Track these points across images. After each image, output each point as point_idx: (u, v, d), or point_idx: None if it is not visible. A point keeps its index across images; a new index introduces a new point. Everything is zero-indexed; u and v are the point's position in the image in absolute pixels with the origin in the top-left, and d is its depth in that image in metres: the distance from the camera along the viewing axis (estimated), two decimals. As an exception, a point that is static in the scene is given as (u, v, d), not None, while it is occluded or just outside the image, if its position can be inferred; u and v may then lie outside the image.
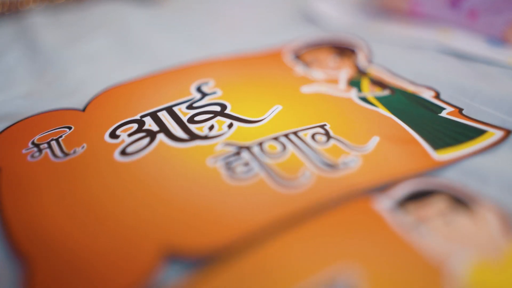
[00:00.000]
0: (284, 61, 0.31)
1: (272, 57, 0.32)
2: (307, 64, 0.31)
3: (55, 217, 0.19)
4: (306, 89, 0.28)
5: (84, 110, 0.26)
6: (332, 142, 0.23)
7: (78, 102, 0.27)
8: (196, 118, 0.25)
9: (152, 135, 0.24)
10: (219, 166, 0.21)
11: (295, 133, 0.23)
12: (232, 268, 0.16)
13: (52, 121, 0.25)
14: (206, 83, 0.28)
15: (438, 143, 0.23)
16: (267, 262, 0.17)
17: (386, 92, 0.27)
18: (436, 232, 0.17)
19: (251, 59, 0.31)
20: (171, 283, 0.16)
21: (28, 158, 0.23)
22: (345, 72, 0.30)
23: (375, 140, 0.23)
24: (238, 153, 0.22)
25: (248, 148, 0.22)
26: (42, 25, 0.37)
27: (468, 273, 0.16)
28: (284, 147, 0.22)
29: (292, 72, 0.30)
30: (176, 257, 0.17)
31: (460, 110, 0.25)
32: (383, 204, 0.19)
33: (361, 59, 0.31)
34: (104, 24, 0.38)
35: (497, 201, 0.19)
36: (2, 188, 0.21)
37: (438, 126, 0.24)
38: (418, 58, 0.32)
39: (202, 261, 0.17)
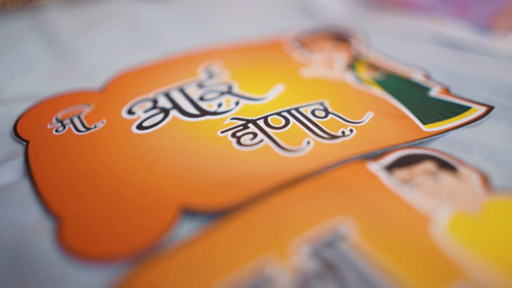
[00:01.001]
0: (284, 47, 0.33)
1: (273, 44, 0.34)
2: (306, 49, 0.33)
3: (80, 181, 0.21)
4: (305, 71, 0.30)
5: (101, 90, 0.28)
6: (330, 116, 0.25)
7: (95, 84, 0.29)
8: (206, 97, 0.27)
9: (165, 111, 0.26)
10: (229, 136, 0.23)
11: (296, 109, 0.25)
12: (240, 219, 0.18)
13: (72, 100, 0.27)
14: (213, 66, 0.30)
15: (427, 118, 0.25)
16: (273, 213, 0.19)
17: (380, 74, 0.29)
18: (423, 187, 0.20)
19: (254, 46, 0.34)
20: (187, 234, 0.18)
21: (53, 132, 0.25)
22: (342, 56, 0.32)
23: (369, 115, 0.25)
24: (245, 126, 0.24)
25: (254, 122, 0.24)
26: (57, 18, 0.39)
27: (449, 222, 0.18)
28: (287, 120, 0.24)
29: (292, 57, 0.32)
30: (192, 213, 0.19)
31: (448, 89, 0.27)
32: (376, 166, 0.21)
33: (358, 45, 0.33)
34: (115, 16, 0.40)
35: (478, 166, 0.21)
36: (31, 158, 0.23)
37: (427, 104, 0.26)
38: (410, 45, 0.34)
39: (214, 216, 0.19)
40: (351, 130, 0.24)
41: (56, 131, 0.25)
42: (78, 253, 0.18)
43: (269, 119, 0.24)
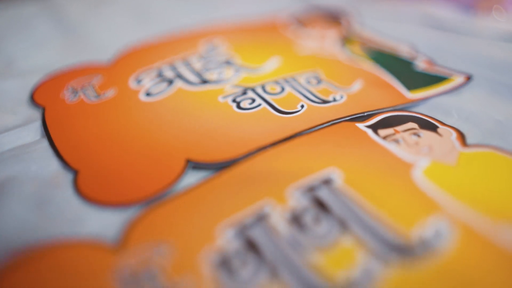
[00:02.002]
0: (279, 27, 0.35)
1: (268, 23, 0.36)
2: (301, 27, 0.35)
3: (94, 140, 0.23)
4: (299, 46, 0.32)
5: (108, 63, 0.30)
6: (322, 84, 0.27)
7: (103, 58, 0.31)
8: (207, 67, 0.29)
9: (170, 80, 0.28)
10: (229, 101, 0.25)
11: (291, 77, 0.27)
12: (242, 168, 0.20)
13: (83, 72, 0.29)
14: (214, 40, 0.32)
15: (411, 85, 0.27)
16: (271, 163, 0.21)
17: (371, 48, 0.31)
18: (406, 141, 0.22)
19: (250, 25, 0.35)
20: (193, 183, 0.20)
21: (66, 100, 0.26)
22: (335, 32, 0.34)
23: (359, 83, 0.27)
24: (244, 92, 0.26)
25: (252, 89, 0.26)
26: (65, 1, 0.41)
27: (429, 169, 0.20)
28: (283, 87, 0.26)
29: (287, 35, 0.34)
30: (197, 165, 0.21)
31: (432, 62, 0.29)
32: (364, 126, 0.23)
33: (350, 23, 0.35)
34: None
35: (456, 126, 0.23)
36: (47, 122, 0.25)
37: (413, 74, 0.28)
38: (400, 26, 0.36)
39: (218, 168, 0.21)
40: (341, 96, 0.26)
41: (69, 99, 0.26)
42: (96, 199, 0.20)
43: (266, 86, 0.26)
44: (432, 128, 0.23)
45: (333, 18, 0.36)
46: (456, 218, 0.17)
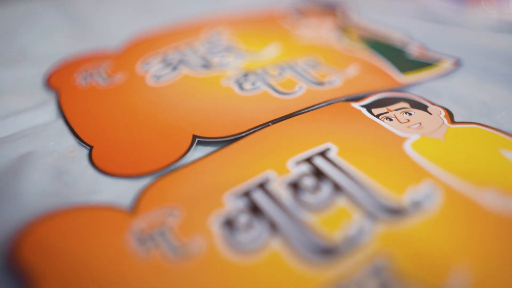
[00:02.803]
0: (277, 15, 0.37)
1: (267, 12, 0.37)
2: (299, 16, 0.36)
3: (108, 119, 0.24)
4: (297, 33, 0.33)
5: (116, 49, 0.32)
6: (319, 68, 0.28)
7: (110, 44, 0.32)
8: (211, 51, 0.30)
9: (174, 65, 0.29)
10: (231, 84, 0.27)
11: (290, 61, 0.29)
12: (245, 142, 0.22)
13: (92, 57, 0.30)
14: (216, 28, 0.34)
15: (404, 68, 0.28)
16: (273, 138, 0.22)
17: (366, 36, 0.33)
18: (398, 118, 0.23)
19: (250, 15, 0.37)
20: (199, 156, 0.22)
21: (78, 84, 0.28)
22: (332, 21, 0.35)
23: (354, 67, 0.28)
24: (245, 76, 0.27)
25: (254, 72, 0.28)
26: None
27: (419, 143, 0.21)
28: (282, 71, 0.28)
29: (285, 23, 0.35)
30: (203, 140, 0.23)
31: (424, 48, 0.31)
32: (359, 106, 0.24)
33: (347, 13, 0.37)
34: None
35: (445, 106, 0.25)
36: (62, 104, 0.26)
37: (405, 57, 0.30)
38: (394, 17, 0.37)
39: (223, 143, 0.22)
40: (337, 79, 0.27)
41: (81, 83, 0.28)
42: (110, 171, 0.21)
43: (266, 70, 0.28)
44: (422, 107, 0.24)
45: (330, 8, 0.38)
46: (443, 183, 0.19)
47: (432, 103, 0.25)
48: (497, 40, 0.33)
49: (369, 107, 0.24)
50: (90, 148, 0.22)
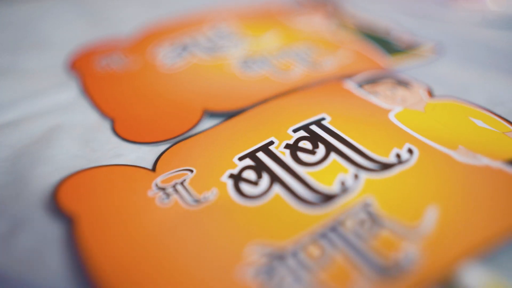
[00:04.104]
0: (276, 8, 0.40)
1: (266, 6, 0.40)
2: (297, 7, 0.39)
3: (127, 96, 0.27)
4: (294, 24, 0.36)
5: (129, 37, 0.34)
6: (314, 53, 0.31)
7: (123, 32, 0.35)
8: (217, 40, 0.33)
9: (184, 49, 0.32)
10: (236, 67, 0.30)
11: (288, 47, 0.32)
12: (250, 114, 0.25)
13: (109, 44, 0.33)
14: (220, 18, 0.37)
15: (391, 50, 0.31)
16: (274, 110, 0.25)
17: (356, 24, 0.36)
18: (383, 94, 0.26)
19: (250, 9, 0.40)
20: (210, 126, 0.24)
21: (98, 68, 0.31)
22: (325, 12, 0.38)
23: (344, 51, 0.31)
24: (249, 59, 0.30)
25: (256, 56, 0.31)
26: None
27: (402, 114, 0.24)
28: (281, 56, 0.31)
29: (284, 15, 0.38)
30: (212, 114, 0.25)
31: (409, 33, 0.34)
32: (349, 84, 0.27)
33: (338, 5, 0.40)
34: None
35: (426, 84, 0.28)
36: (85, 84, 0.29)
37: (391, 40, 0.33)
38: (383, 7, 0.40)
39: (230, 115, 0.25)
40: (329, 62, 0.30)
41: (99, 68, 0.30)
42: (131, 139, 0.24)
43: (267, 54, 0.31)
44: (406, 84, 0.27)
45: (321, 3, 0.41)
46: (422, 144, 0.21)
47: (414, 82, 0.28)
48: (478, 31, 0.35)
49: (358, 84, 0.27)
50: (112, 121, 0.25)
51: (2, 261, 0.17)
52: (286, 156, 0.21)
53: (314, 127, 0.23)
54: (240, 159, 0.21)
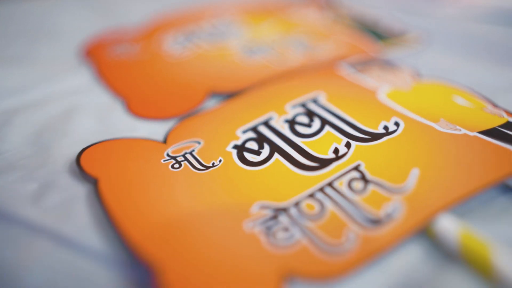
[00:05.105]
0: (271, 5, 0.42)
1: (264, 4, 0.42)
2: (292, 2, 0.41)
3: (135, 80, 0.29)
4: (291, 16, 0.38)
5: (137, 27, 0.36)
6: (308, 41, 0.33)
7: (132, 22, 0.37)
8: (220, 28, 0.35)
9: (190, 38, 0.34)
10: (238, 56, 0.32)
11: (284, 36, 0.34)
12: (251, 93, 0.27)
13: (119, 34, 0.35)
14: (223, 11, 0.39)
15: (381, 37, 0.33)
16: (273, 89, 0.27)
17: (349, 15, 0.38)
18: (373, 74, 0.28)
19: (250, 6, 0.42)
20: (214, 105, 0.26)
21: (109, 55, 0.32)
22: (320, 4, 0.40)
23: (338, 39, 0.34)
24: (249, 46, 0.32)
25: (255, 46, 0.33)
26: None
27: (389, 92, 0.26)
28: (279, 43, 0.33)
29: (280, 11, 0.40)
30: (215, 94, 0.27)
31: (398, 22, 0.36)
32: (342, 66, 0.29)
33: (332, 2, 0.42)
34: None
35: (412, 68, 0.30)
36: (100, 70, 0.31)
37: (381, 29, 0.35)
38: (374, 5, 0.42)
39: (232, 94, 0.27)
40: (325, 46, 0.32)
41: (113, 55, 0.32)
42: (143, 115, 0.26)
43: (265, 45, 0.33)
44: (394, 67, 0.29)
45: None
46: (407, 117, 0.24)
47: (402, 65, 0.30)
48: (462, 24, 0.38)
49: (350, 65, 0.29)
50: (125, 101, 0.27)
51: (35, 214, 0.19)
52: (285, 129, 0.23)
53: (310, 104, 0.25)
54: (243, 132, 0.23)
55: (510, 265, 0.15)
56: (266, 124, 0.24)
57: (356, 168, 0.20)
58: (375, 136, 0.22)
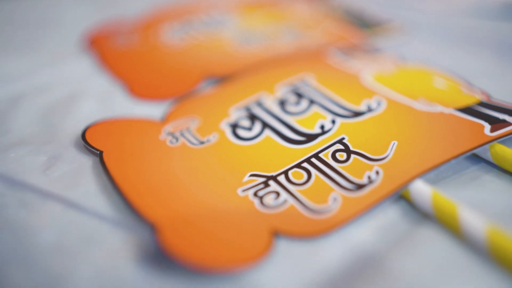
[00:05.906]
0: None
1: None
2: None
3: (135, 67, 0.31)
4: (285, 9, 0.40)
5: (135, 18, 0.38)
6: (298, 28, 0.35)
7: (130, 13, 0.38)
8: (215, 18, 0.37)
9: (187, 28, 0.35)
10: (232, 43, 0.33)
11: (275, 25, 0.35)
12: (243, 77, 0.28)
13: (118, 24, 0.37)
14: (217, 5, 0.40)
15: (368, 25, 0.35)
16: (264, 71, 0.28)
17: (341, 7, 0.40)
18: (359, 58, 0.30)
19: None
20: (207, 89, 0.28)
21: (110, 45, 0.34)
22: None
23: (326, 27, 0.35)
24: (241, 34, 0.34)
25: (247, 34, 0.34)
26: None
27: (373, 75, 0.28)
28: (269, 32, 0.34)
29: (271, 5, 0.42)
30: (209, 78, 0.29)
31: (382, 12, 0.38)
32: (330, 50, 0.31)
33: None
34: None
35: (396, 53, 0.31)
36: (101, 58, 0.32)
37: (367, 18, 0.36)
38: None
39: (224, 79, 0.29)
40: (316, 33, 0.34)
41: (118, 44, 0.34)
42: (142, 96, 0.27)
43: (257, 33, 0.34)
44: (378, 53, 0.31)
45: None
46: (388, 97, 0.25)
47: (387, 50, 0.31)
48: (446, 17, 0.39)
49: (337, 49, 0.31)
50: (125, 84, 0.29)
51: (45, 182, 0.20)
52: (274, 107, 0.25)
53: (298, 84, 0.27)
54: (236, 110, 0.25)
55: (475, 222, 0.17)
56: (257, 102, 0.25)
57: (340, 141, 0.22)
58: (358, 114, 0.24)
